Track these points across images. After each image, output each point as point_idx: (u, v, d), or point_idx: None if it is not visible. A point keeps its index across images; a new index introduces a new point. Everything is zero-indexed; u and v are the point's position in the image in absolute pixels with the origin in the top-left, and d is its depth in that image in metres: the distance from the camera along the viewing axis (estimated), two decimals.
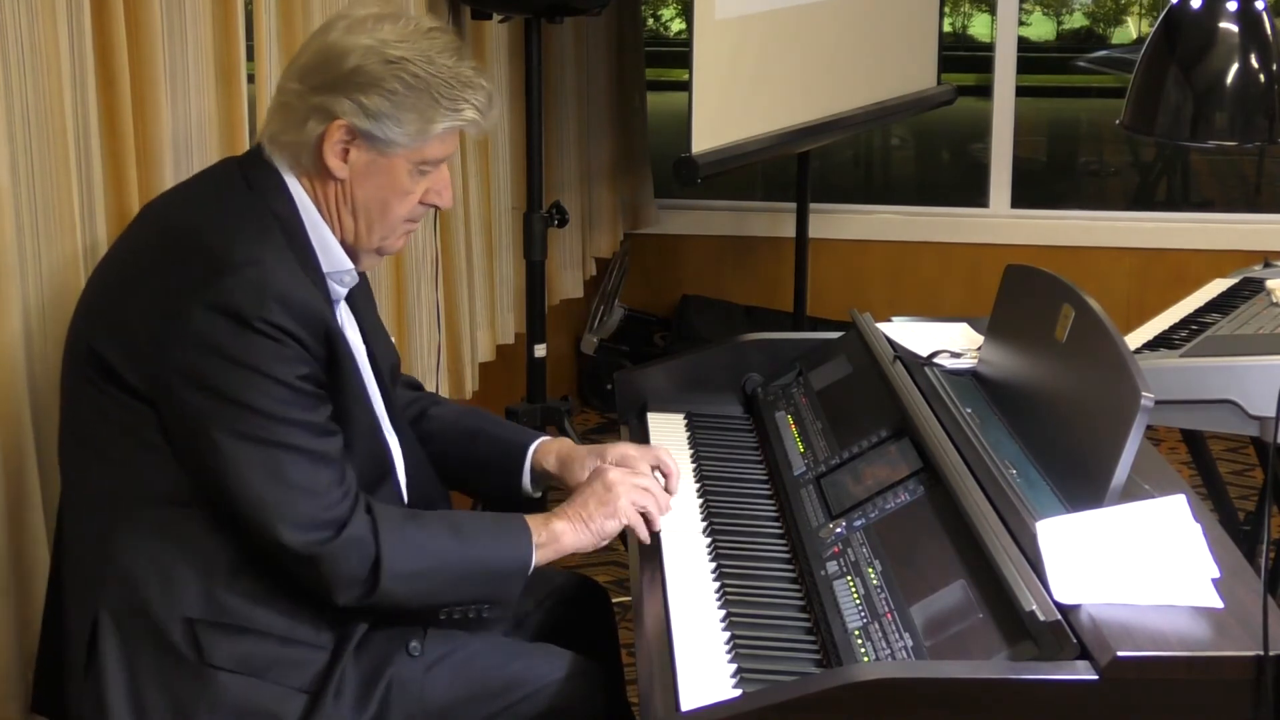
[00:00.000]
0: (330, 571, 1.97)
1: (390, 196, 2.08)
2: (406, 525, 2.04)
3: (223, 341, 1.91)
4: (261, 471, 1.93)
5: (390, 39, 2.03)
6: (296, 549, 1.95)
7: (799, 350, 2.76)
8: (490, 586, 2.09)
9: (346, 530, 1.97)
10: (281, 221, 2.03)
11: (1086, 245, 5.32)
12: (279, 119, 2.07)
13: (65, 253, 2.22)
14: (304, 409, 1.96)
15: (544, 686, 2.11)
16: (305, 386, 1.96)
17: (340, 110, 2.01)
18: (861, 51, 4.62)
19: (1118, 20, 8.34)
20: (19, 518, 2.17)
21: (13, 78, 2.12)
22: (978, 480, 2.04)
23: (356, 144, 2.04)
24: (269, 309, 1.92)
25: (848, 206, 5.55)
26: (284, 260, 1.99)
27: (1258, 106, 3.03)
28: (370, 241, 2.11)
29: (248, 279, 1.92)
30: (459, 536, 2.07)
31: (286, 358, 1.94)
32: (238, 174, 2.08)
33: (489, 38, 3.92)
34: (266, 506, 1.94)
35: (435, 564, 2.04)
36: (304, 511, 1.95)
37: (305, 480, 1.95)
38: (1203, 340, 2.86)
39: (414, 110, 2.03)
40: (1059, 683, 1.69)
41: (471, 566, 2.07)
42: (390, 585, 1.99)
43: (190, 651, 1.97)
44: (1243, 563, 1.90)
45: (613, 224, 5.09)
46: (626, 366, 4.56)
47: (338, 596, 1.99)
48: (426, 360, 3.61)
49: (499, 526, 2.14)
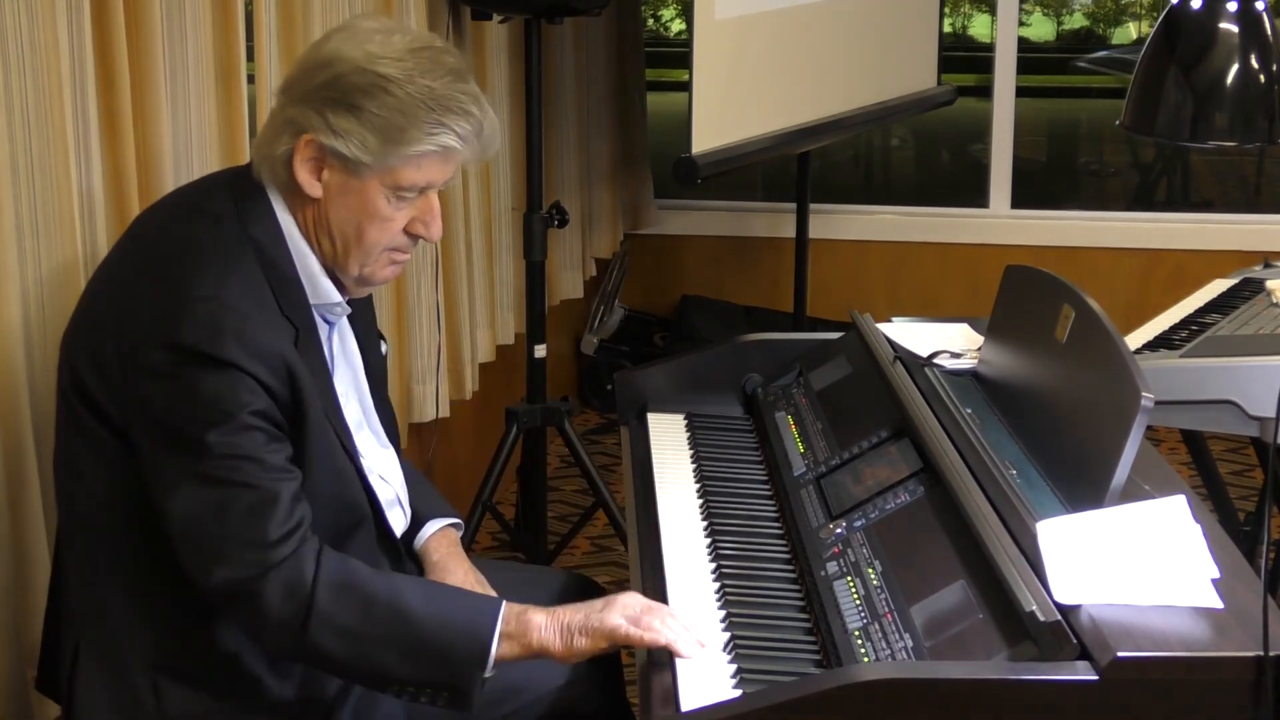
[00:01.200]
0: (257, 611, 1.87)
1: (364, 221, 1.96)
2: (356, 580, 1.90)
3: (177, 377, 1.85)
4: (204, 507, 1.86)
5: (378, 54, 1.93)
6: (220, 586, 1.87)
7: (799, 350, 2.76)
8: (442, 667, 1.90)
9: (281, 570, 1.86)
10: (260, 251, 1.94)
11: (1086, 245, 5.32)
12: (265, 129, 2.00)
13: (65, 254, 2.22)
14: (256, 446, 1.87)
15: (545, 693, 2.10)
16: (259, 424, 1.87)
17: (309, 124, 1.92)
18: (861, 52, 4.62)
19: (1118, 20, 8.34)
20: (19, 517, 2.16)
21: (13, 78, 2.12)
22: (978, 480, 2.04)
23: (328, 162, 1.94)
24: (224, 346, 1.84)
25: (848, 207, 5.55)
26: (251, 297, 1.90)
27: (1258, 107, 3.03)
28: (350, 269, 2.00)
29: (204, 315, 1.85)
30: (414, 603, 1.90)
31: (239, 394, 1.85)
32: (225, 196, 1.99)
33: (489, 38, 3.92)
34: (202, 541, 1.87)
35: (375, 626, 1.88)
36: (238, 549, 1.86)
37: (246, 518, 1.86)
38: (1203, 340, 2.86)
39: (379, 132, 1.91)
40: (1059, 683, 1.69)
41: (418, 638, 1.89)
42: (319, 638, 1.87)
43: (150, 698, 1.95)
44: (1243, 563, 1.90)
45: (613, 224, 5.09)
46: (626, 367, 4.56)
47: (266, 639, 1.91)
48: (426, 360, 3.61)
49: (466, 603, 1.99)
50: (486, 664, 1.90)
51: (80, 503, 1.99)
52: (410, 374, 3.58)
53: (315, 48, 2.02)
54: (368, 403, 2.16)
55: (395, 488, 2.19)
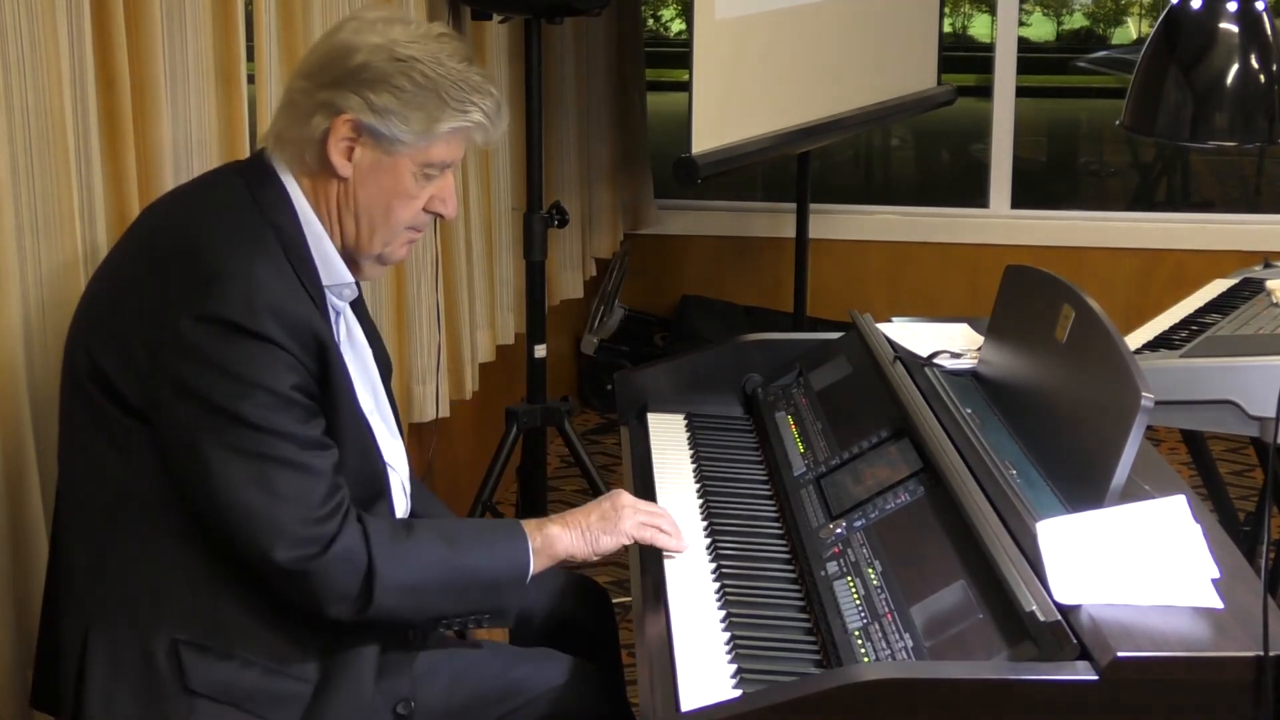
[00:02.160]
0: (321, 587, 1.93)
1: (393, 199, 2.05)
2: (400, 538, 2.00)
3: (212, 351, 1.89)
4: (250, 484, 1.90)
5: (400, 39, 2.02)
6: (285, 564, 1.91)
7: (799, 351, 2.76)
8: (489, 595, 2.06)
9: (336, 544, 1.93)
10: (279, 233, 2.00)
11: (1086, 245, 5.32)
12: (285, 116, 2.05)
13: (65, 254, 2.22)
14: (294, 421, 1.92)
15: (544, 693, 2.11)
16: (296, 397, 1.93)
17: (347, 105, 1.99)
18: (861, 52, 4.62)
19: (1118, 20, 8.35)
20: (19, 517, 2.16)
21: (13, 78, 2.12)
22: (978, 480, 2.04)
23: (362, 141, 2.01)
24: (259, 319, 1.89)
25: (848, 207, 5.56)
26: (277, 272, 1.95)
27: (1258, 107, 3.03)
28: (372, 247, 2.08)
29: (238, 289, 1.90)
30: (454, 546, 2.04)
31: (277, 368, 1.90)
32: (239, 182, 2.04)
33: (489, 38, 3.92)
34: (255, 520, 1.90)
35: (431, 576, 2.01)
36: (293, 526, 1.91)
37: (294, 494, 1.91)
38: (1203, 341, 2.86)
39: (421, 109, 2.01)
40: (1059, 683, 1.69)
41: (469, 577, 2.04)
42: (384, 600, 1.96)
43: (173, 674, 1.96)
44: (1243, 563, 1.90)
45: (613, 224, 5.09)
46: (626, 367, 4.57)
47: (329, 611, 1.95)
48: (426, 360, 3.61)
49: (495, 534, 2.11)
50: (525, 583, 2.08)
51: (89, 490, 2.00)
52: (410, 374, 3.58)
53: (330, 38, 2.07)
54: (379, 389, 2.19)
55: (401, 475, 2.21)
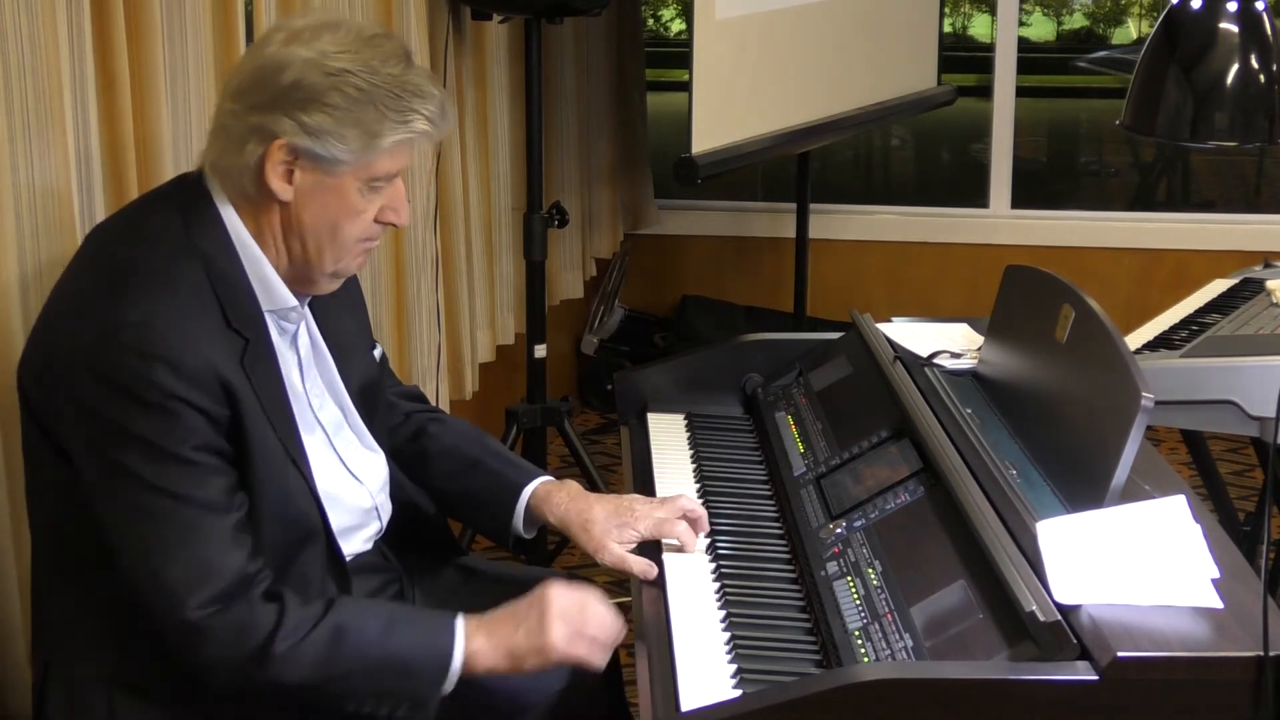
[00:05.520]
0: (205, 651, 1.85)
1: (340, 218, 1.95)
2: (311, 616, 1.89)
3: (110, 412, 1.82)
4: (148, 543, 1.83)
5: (330, 49, 1.89)
6: (173, 620, 1.84)
7: (799, 350, 2.76)
8: (403, 679, 1.93)
9: (228, 611, 1.84)
10: (209, 262, 1.90)
11: (1087, 246, 5.32)
12: (218, 143, 1.94)
13: (65, 254, 2.22)
14: (195, 483, 1.84)
15: (545, 698, 2.10)
16: (198, 458, 1.84)
17: (280, 129, 1.88)
18: (861, 52, 4.62)
19: (1118, 20, 8.35)
20: (20, 517, 2.16)
21: (13, 78, 2.12)
22: (978, 480, 2.04)
23: (300, 164, 1.90)
24: (155, 375, 1.80)
25: (848, 207, 5.55)
26: (190, 315, 1.86)
27: (1258, 107, 3.03)
28: (325, 266, 1.98)
29: (135, 342, 1.81)
30: (370, 638, 1.91)
31: (174, 427, 1.82)
32: (175, 207, 1.94)
33: (489, 38, 3.92)
34: (150, 578, 1.84)
35: (339, 653, 1.89)
36: (184, 588, 1.83)
37: (188, 557, 1.83)
38: (1203, 341, 2.86)
39: (357, 125, 1.89)
40: (1059, 683, 1.69)
41: (383, 656, 1.91)
42: (274, 679, 1.87)
43: (104, 715, 1.94)
44: (1243, 563, 1.90)
45: (613, 224, 5.09)
46: (626, 367, 4.56)
47: (214, 678, 1.87)
48: (426, 360, 3.61)
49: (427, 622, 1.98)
50: (444, 675, 1.93)
51: (40, 521, 1.99)
52: (410, 374, 3.57)
53: (256, 53, 1.95)
54: (346, 404, 2.12)
55: (372, 493, 2.14)
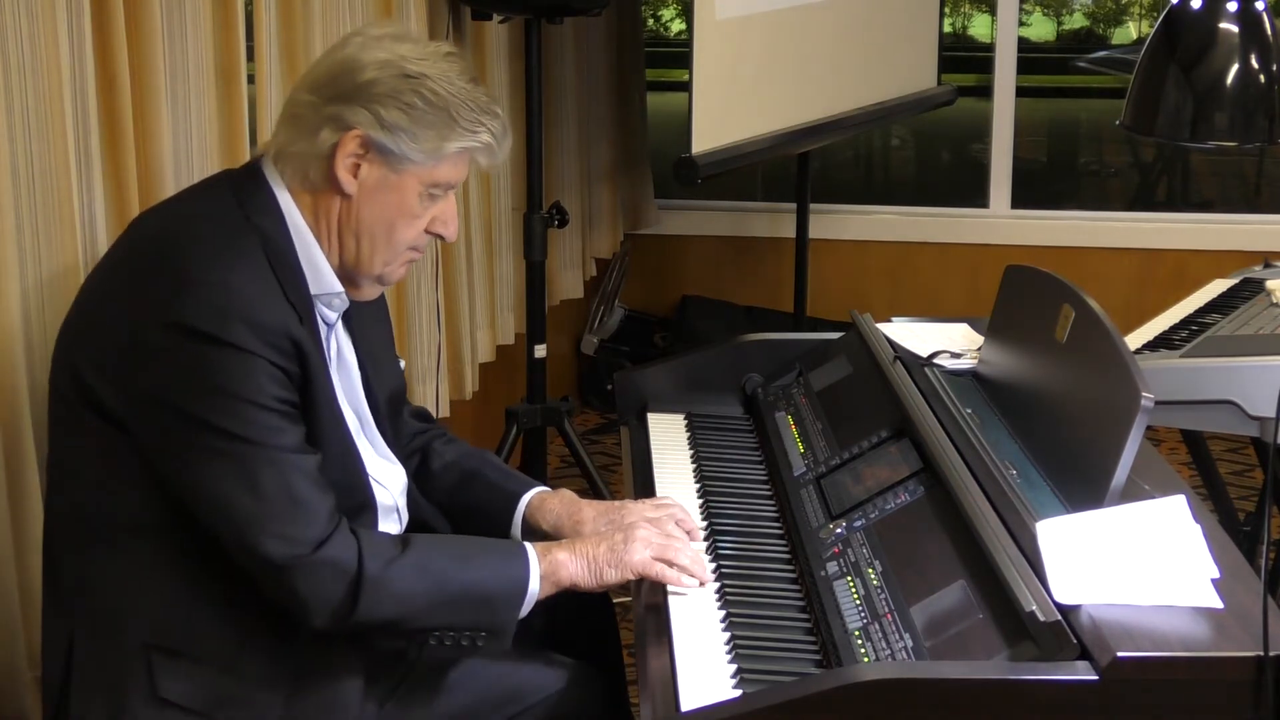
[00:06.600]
0: (306, 589, 1.91)
1: (397, 218, 2.02)
2: (393, 548, 1.97)
3: (186, 362, 1.87)
4: (232, 483, 1.88)
5: (409, 55, 1.99)
6: (273, 558, 1.89)
7: (799, 350, 2.76)
8: (482, 611, 2.00)
9: (325, 548, 1.91)
10: (266, 239, 1.97)
11: (1086, 245, 5.32)
12: (289, 130, 2.02)
13: (65, 254, 2.22)
14: (274, 429, 1.90)
15: (545, 698, 2.10)
16: (270, 404, 1.90)
17: (356, 120, 1.96)
18: (861, 52, 4.62)
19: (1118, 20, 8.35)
20: (20, 518, 2.17)
21: (13, 78, 2.12)
22: (978, 480, 2.04)
23: (369, 158, 1.98)
24: (230, 327, 1.87)
25: (848, 207, 5.56)
26: (256, 280, 1.93)
27: (1258, 107, 3.03)
28: (372, 267, 2.04)
29: (209, 297, 1.87)
30: (452, 559, 2.00)
31: (249, 375, 1.88)
32: (228, 189, 2.02)
33: (489, 38, 3.92)
34: (239, 516, 1.89)
35: (421, 587, 1.96)
36: (277, 523, 1.89)
37: (277, 492, 1.89)
38: (1203, 341, 2.86)
39: (431, 127, 1.98)
40: (1059, 683, 1.69)
41: (462, 589, 1.99)
42: (371, 609, 1.93)
43: (145, 682, 1.95)
44: (1243, 563, 1.90)
45: (613, 224, 5.09)
46: (626, 367, 4.56)
47: (314, 618, 1.93)
48: (426, 360, 3.61)
49: (497, 552, 2.07)
50: (522, 602, 2.02)
51: (71, 498, 2.00)
52: (410, 374, 3.57)
53: (335, 53, 2.03)
54: (364, 411, 2.15)
55: (394, 495, 2.18)
